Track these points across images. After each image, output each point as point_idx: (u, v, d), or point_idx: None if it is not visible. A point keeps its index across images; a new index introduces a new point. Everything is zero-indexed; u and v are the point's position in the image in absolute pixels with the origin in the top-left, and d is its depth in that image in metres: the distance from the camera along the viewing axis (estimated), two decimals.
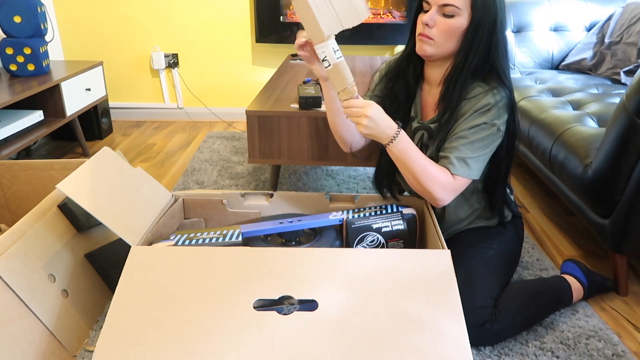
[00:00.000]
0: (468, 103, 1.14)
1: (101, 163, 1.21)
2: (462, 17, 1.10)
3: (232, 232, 1.19)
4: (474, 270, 1.19)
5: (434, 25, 1.12)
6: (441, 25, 1.11)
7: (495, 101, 1.12)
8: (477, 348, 1.18)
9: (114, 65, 3.01)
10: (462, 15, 1.10)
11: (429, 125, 1.23)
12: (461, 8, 1.09)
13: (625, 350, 1.19)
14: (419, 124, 1.25)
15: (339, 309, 0.93)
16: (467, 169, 1.12)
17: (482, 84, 1.14)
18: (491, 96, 1.12)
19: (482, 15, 1.09)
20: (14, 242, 1.10)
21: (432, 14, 1.11)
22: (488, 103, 1.12)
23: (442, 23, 1.11)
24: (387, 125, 1.08)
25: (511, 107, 1.15)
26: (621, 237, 1.31)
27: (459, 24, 1.10)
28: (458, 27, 1.11)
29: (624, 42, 2.13)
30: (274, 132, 1.68)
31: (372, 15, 2.81)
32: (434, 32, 1.12)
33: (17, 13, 2.19)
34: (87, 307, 1.24)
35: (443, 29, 1.11)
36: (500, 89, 1.13)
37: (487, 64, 1.14)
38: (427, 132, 1.24)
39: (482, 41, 1.11)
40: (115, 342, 0.90)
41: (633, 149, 1.22)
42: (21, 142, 2.03)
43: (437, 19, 1.11)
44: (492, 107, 1.11)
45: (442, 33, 1.12)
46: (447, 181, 1.12)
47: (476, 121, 1.12)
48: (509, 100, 1.14)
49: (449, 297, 0.95)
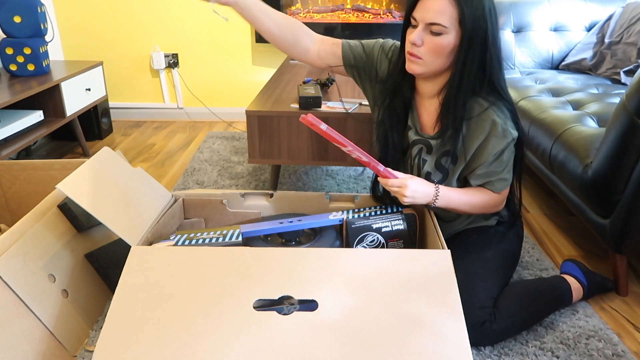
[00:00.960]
0: (471, 123, 1.14)
1: (101, 163, 1.21)
2: (451, 35, 1.07)
3: (232, 232, 1.19)
4: (474, 270, 1.19)
5: (421, 45, 1.10)
6: (429, 45, 1.09)
7: (503, 118, 1.12)
8: (477, 348, 1.18)
9: (114, 65, 3.01)
10: (449, 34, 1.07)
11: (428, 140, 1.23)
12: (448, 27, 1.06)
13: (625, 350, 1.19)
14: (419, 136, 1.25)
15: (339, 309, 0.93)
16: (506, 182, 1.22)
17: (480, 100, 1.13)
18: (495, 114, 1.12)
19: (473, 32, 1.07)
20: (14, 242, 1.10)
21: (420, 33, 1.09)
22: (497, 123, 1.11)
23: (429, 42, 1.09)
24: (427, 193, 1.15)
25: (514, 114, 1.16)
26: (621, 237, 1.31)
27: (446, 43, 1.08)
28: (446, 46, 1.08)
29: (624, 42, 2.13)
30: (274, 132, 1.68)
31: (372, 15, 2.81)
32: (422, 51, 1.10)
33: (17, 13, 2.19)
34: (87, 307, 1.24)
35: (431, 48, 1.09)
36: (499, 103, 1.13)
37: (484, 79, 1.13)
38: (426, 147, 1.23)
39: (475, 57, 1.09)
40: (115, 342, 0.90)
41: (633, 149, 1.22)
42: (21, 142, 2.03)
43: (425, 37, 1.09)
44: (505, 125, 1.12)
45: (431, 52, 1.10)
46: (495, 201, 1.23)
47: (500, 146, 1.14)
48: (511, 111, 1.15)
49: (449, 297, 0.95)
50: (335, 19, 2.80)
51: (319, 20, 2.80)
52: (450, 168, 1.21)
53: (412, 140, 1.26)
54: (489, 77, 1.12)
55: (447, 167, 1.21)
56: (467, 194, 1.20)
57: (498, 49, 1.11)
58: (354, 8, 2.79)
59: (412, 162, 1.27)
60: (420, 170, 1.25)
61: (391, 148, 1.27)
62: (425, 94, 1.22)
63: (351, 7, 2.79)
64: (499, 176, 1.19)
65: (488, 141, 1.14)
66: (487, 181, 1.20)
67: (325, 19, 2.80)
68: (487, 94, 1.14)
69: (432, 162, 1.23)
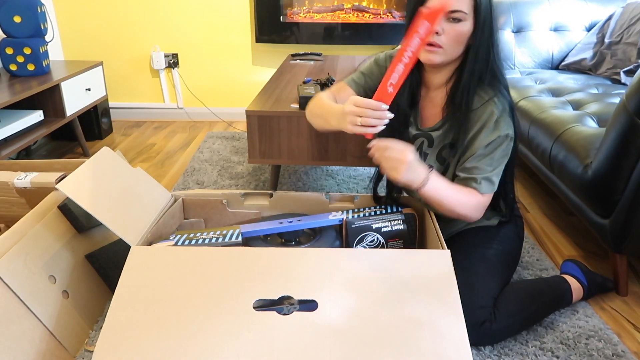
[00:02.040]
0: (472, 115, 1.15)
1: (101, 163, 1.21)
2: (469, 22, 1.09)
3: (232, 232, 1.19)
4: (474, 270, 1.19)
5: (442, 33, 1.10)
6: (450, 32, 1.10)
7: (500, 111, 1.12)
8: (477, 348, 1.18)
9: (114, 65, 3.00)
10: (468, 20, 1.09)
11: (430, 133, 1.23)
12: (468, 12, 1.08)
13: (625, 350, 1.19)
14: (419, 130, 1.25)
15: (338, 309, 0.93)
16: (492, 185, 1.16)
17: (481, 92, 1.15)
18: (494, 106, 1.13)
19: (485, 18, 1.09)
20: (14, 243, 1.10)
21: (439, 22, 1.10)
22: (494, 114, 1.12)
23: (450, 30, 1.10)
24: (419, 173, 1.07)
25: (512, 108, 1.16)
26: (621, 237, 1.31)
27: (466, 29, 1.10)
28: (466, 32, 1.10)
29: (624, 42, 2.13)
30: (274, 132, 1.68)
31: (372, 15, 2.80)
32: (443, 39, 1.10)
33: (17, 13, 2.19)
34: (88, 308, 1.24)
35: (452, 36, 1.10)
36: (500, 96, 1.14)
37: (488, 66, 1.14)
38: (427, 140, 1.24)
39: (484, 42, 1.11)
40: (115, 342, 0.90)
41: (633, 149, 1.22)
42: (21, 142, 2.03)
43: (445, 26, 1.10)
44: (500, 118, 1.12)
45: (452, 40, 1.10)
46: (477, 202, 1.16)
47: (490, 137, 1.13)
48: (510, 105, 1.15)
49: (449, 297, 0.95)
50: (336, 19, 2.80)
51: (319, 20, 2.80)
52: (450, 160, 1.21)
53: (412, 135, 1.26)
54: (492, 64, 1.14)
55: (447, 158, 1.21)
56: (454, 188, 1.15)
57: (499, 36, 1.16)
58: (354, 8, 2.79)
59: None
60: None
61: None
62: (432, 85, 1.22)
63: (351, 7, 2.79)
64: (487, 175, 1.15)
65: (481, 132, 1.14)
66: (474, 177, 1.15)
67: (325, 19, 2.80)
68: (489, 83, 1.15)
69: (434, 154, 1.23)
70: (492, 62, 1.14)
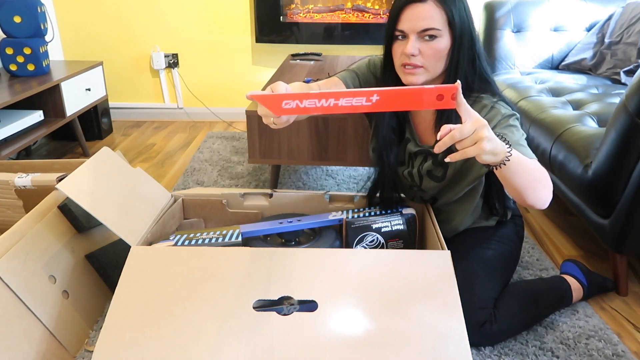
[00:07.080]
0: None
1: (101, 163, 1.21)
2: (444, 37, 1.08)
3: (232, 232, 1.19)
4: (474, 271, 1.19)
5: (418, 54, 1.08)
6: (427, 51, 1.08)
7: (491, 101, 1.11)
8: (477, 348, 1.18)
9: (114, 65, 3.00)
10: (443, 36, 1.07)
11: (431, 151, 1.21)
12: (441, 29, 1.06)
13: (625, 350, 1.19)
14: (419, 147, 1.23)
15: (338, 309, 0.93)
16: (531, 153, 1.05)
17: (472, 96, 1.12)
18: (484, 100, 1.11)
19: (462, 29, 1.08)
20: (14, 243, 1.10)
21: (414, 43, 1.07)
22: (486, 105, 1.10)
23: (427, 48, 1.08)
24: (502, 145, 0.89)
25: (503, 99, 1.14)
26: (621, 237, 1.31)
27: (443, 45, 1.08)
28: (444, 48, 1.08)
29: (624, 42, 2.13)
30: (274, 132, 1.68)
31: (372, 15, 2.80)
32: (421, 59, 1.09)
33: (17, 13, 2.19)
34: (88, 308, 1.24)
35: (430, 54, 1.08)
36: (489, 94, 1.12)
37: (475, 73, 1.13)
38: (431, 156, 1.21)
39: (465, 54, 1.10)
40: (115, 342, 0.90)
41: (633, 149, 1.22)
42: (21, 142, 2.03)
43: (420, 45, 1.08)
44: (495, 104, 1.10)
45: (431, 57, 1.08)
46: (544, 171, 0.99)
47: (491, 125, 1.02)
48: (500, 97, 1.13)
49: (449, 297, 0.95)
50: (335, 19, 2.80)
51: (319, 20, 2.80)
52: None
53: (413, 152, 1.25)
54: (478, 70, 1.13)
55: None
56: (530, 161, 0.97)
57: (480, 42, 1.14)
58: (354, 8, 2.79)
59: (412, 171, 1.26)
60: (420, 174, 1.25)
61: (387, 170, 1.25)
62: None
63: (351, 7, 2.79)
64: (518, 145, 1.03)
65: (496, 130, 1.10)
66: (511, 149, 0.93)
67: (325, 19, 2.80)
68: (478, 88, 1.13)
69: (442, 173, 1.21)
70: (478, 69, 1.13)
